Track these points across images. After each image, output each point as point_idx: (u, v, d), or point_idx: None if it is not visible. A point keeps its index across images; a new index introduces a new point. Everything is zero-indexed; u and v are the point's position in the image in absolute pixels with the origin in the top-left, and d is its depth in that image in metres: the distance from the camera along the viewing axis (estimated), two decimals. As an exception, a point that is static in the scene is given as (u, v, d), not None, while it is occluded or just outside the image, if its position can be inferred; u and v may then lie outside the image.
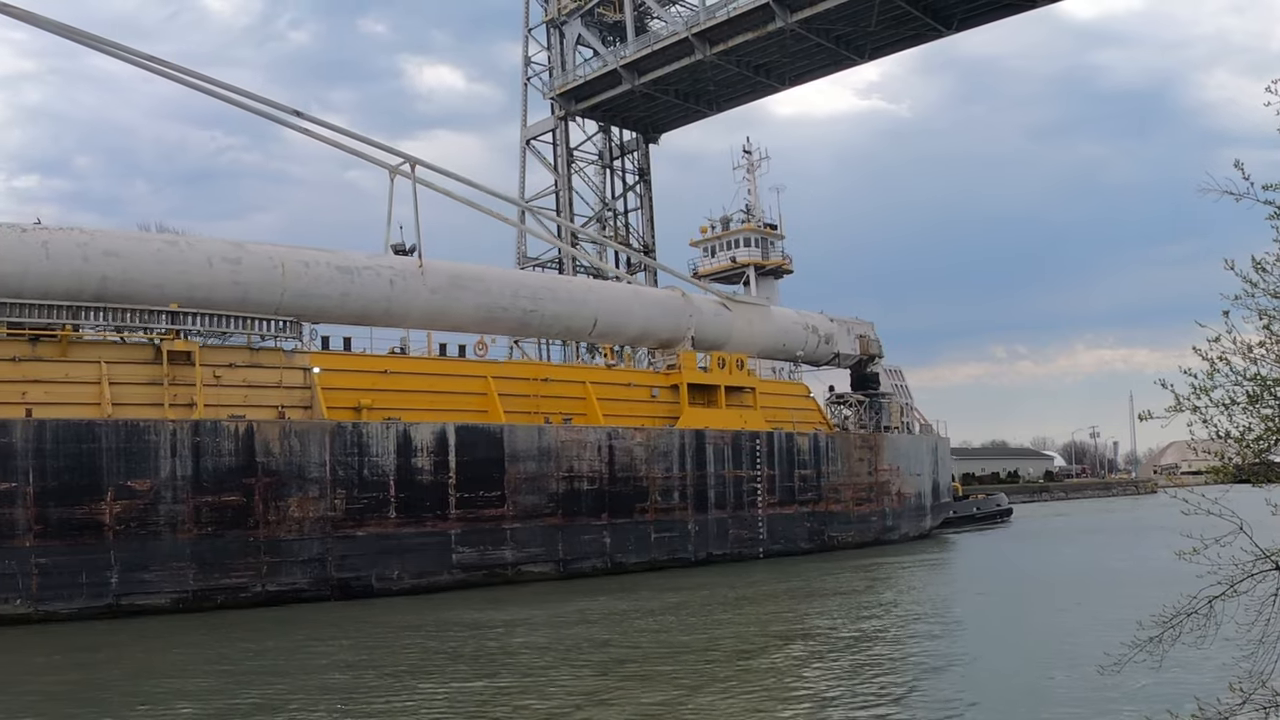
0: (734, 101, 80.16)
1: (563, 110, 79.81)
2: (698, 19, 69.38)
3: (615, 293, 44.63)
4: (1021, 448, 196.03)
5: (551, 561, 37.58)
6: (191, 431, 30.49)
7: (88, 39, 32.62)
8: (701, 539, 43.37)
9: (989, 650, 21.46)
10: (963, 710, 15.63)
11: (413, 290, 37.31)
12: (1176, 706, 9.61)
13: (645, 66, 73.50)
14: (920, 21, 65.96)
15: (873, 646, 22.35)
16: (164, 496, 29.91)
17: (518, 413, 38.56)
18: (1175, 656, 8.92)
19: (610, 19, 77.55)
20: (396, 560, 33.53)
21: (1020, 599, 31.93)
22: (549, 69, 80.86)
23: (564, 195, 79.95)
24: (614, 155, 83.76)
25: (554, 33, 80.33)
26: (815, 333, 54.75)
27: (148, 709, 17.24)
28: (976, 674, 18.66)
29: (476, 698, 17.21)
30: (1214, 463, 8.62)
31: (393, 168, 38.93)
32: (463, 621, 27.10)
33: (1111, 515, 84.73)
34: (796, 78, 75.98)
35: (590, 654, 21.66)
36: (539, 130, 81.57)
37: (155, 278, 32.50)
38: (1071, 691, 16.36)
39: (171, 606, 29.59)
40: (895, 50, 73.19)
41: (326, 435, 32.60)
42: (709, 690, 17.35)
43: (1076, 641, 20.66)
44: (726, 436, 45.07)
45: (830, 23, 66.02)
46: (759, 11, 65.64)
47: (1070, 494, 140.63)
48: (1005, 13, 66.36)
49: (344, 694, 17.83)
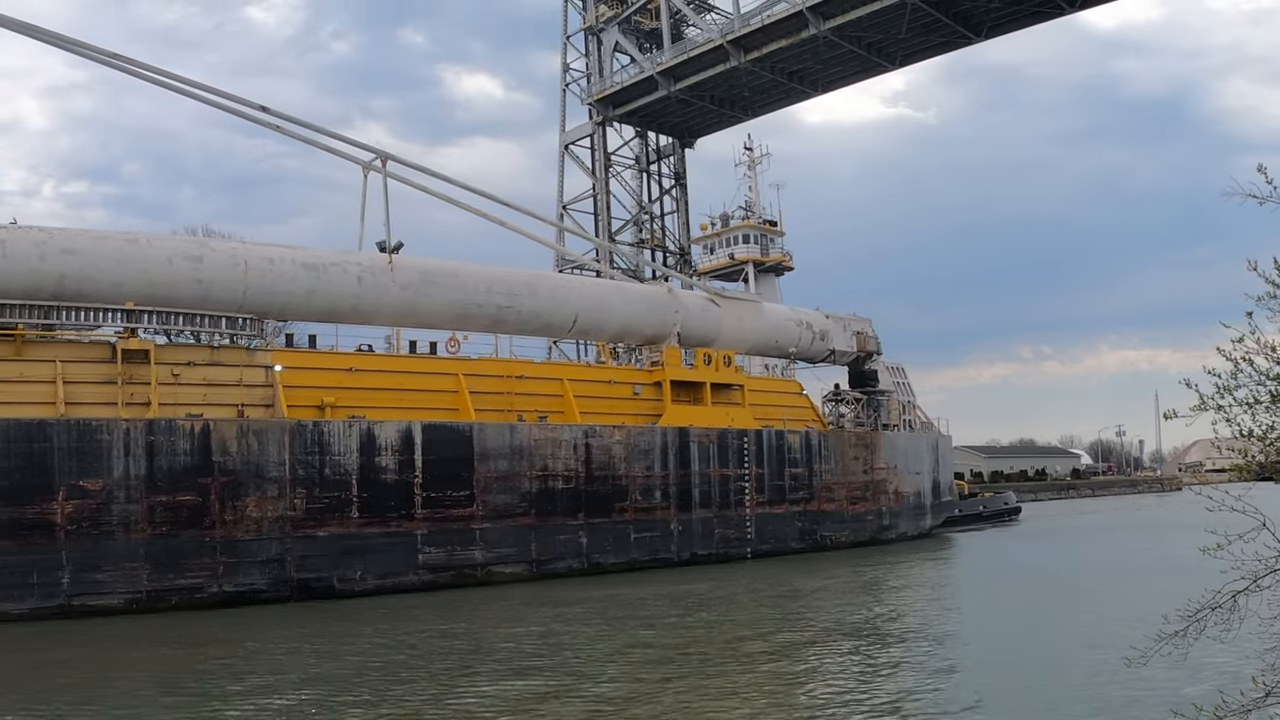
0: (768, 107, 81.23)
1: (600, 116, 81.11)
2: (732, 26, 70.44)
3: (597, 289, 43.87)
4: (1049, 446, 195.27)
5: (524, 562, 36.88)
6: (145, 430, 30.09)
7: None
8: (685, 539, 42.49)
9: (965, 648, 20.57)
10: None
11: (382, 287, 36.78)
12: (1200, 699, 9.69)
13: (681, 73, 74.63)
14: (950, 29, 66.58)
15: (845, 640, 21.51)
16: (117, 496, 29.53)
17: (491, 411, 37.90)
18: (1199, 650, 9.10)
19: (647, 26, 79.19)
20: (359, 561, 32.96)
21: (998, 595, 30.91)
22: (587, 75, 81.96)
23: (601, 199, 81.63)
24: (650, 160, 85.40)
25: (592, 40, 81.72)
26: (809, 329, 53.66)
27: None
28: (970, 675, 17.88)
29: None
30: (1237, 460, 8.75)
31: (365, 163, 38.39)
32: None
33: (1131, 513, 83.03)
34: (829, 84, 76.86)
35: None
36: (577, 135, 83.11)
37: (114, 276, 32.18)
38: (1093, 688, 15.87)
39: (125, 607, 29.19)
40: (925, 57, 73.73)
41: (286, 434, 32.10)
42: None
43: (1045, 645, 19.72)
44: (712, 434, 44.16)
45: (862, 30, 66.74)
46: (793, 19, 66.60)
47: (1097, 491, 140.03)
48: (1033, 20, 66.73)
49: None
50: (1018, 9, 64.71)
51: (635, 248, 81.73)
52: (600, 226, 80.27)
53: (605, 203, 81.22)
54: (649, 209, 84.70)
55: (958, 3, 64.01)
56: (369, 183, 37.66)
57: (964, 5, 64.32)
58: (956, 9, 64.58)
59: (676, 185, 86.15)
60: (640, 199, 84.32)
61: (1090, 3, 64.32)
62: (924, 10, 63.27)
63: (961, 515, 65.56)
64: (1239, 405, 8.31)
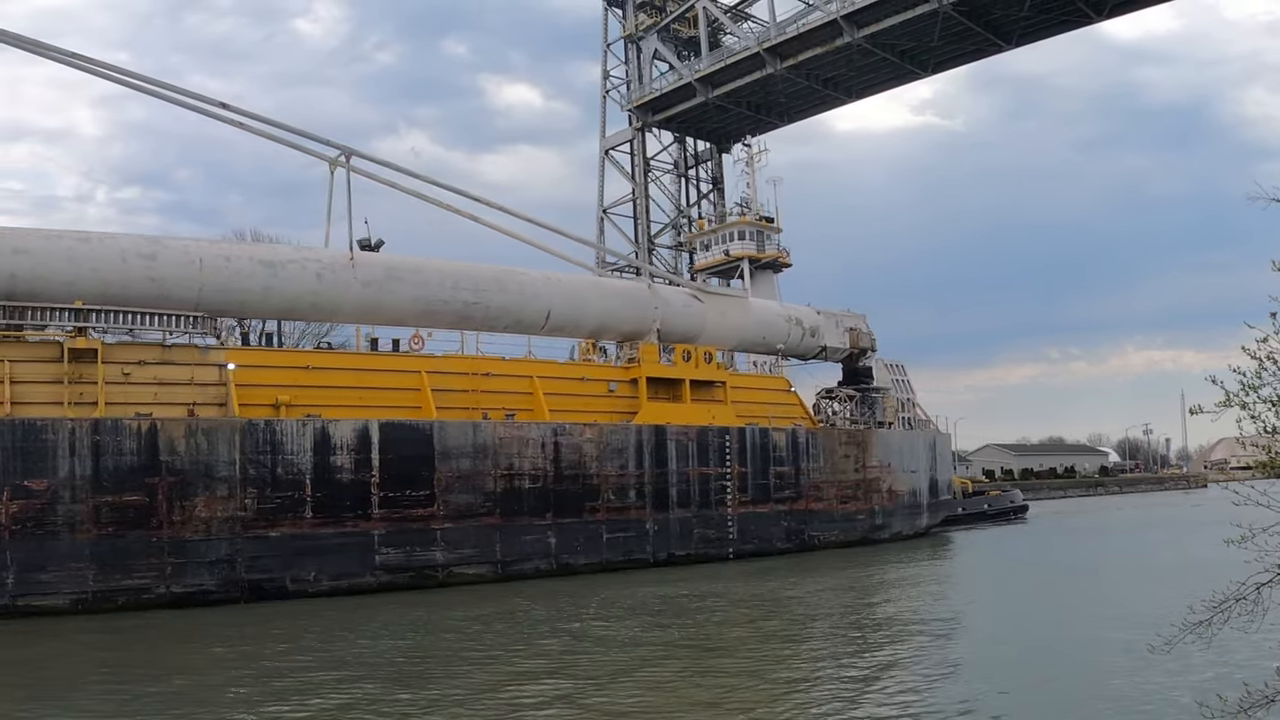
0: (803, 113, 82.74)
1: (640, 122, 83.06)
2: (768, 35, 72.17)
3: (571, 284, 43.07)
4: (1078, 444, 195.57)
5: (488, 563, 36.20)
6: (91, 430, 29.76)
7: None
8: (661, 539, 41.62)
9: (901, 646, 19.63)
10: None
11: (342, 284, 36.30)
12: (1224, 689, 9.88)
13: (718, 80, 76.05)
14: (981, 36, 67.78)
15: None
16: (62, 496, 29.21)
17: (455, 409, 37.27)
18: (1223, 640, 9.35)
19: (685, 35, 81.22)
20: (313, 561, 32.42)
21: (967, 592, 29.84)
22: (626, 82, 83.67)
23: (640, 203, 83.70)
24: (688, 164, 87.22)
25: (631, 48, 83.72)
26: (799, 325, 52.59)
27: None
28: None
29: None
30: (1262, 457, 8.94)
31: (331, 160, 38.01)
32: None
33: (1149, 510, 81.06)
34: (862, 90, 78.10)
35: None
36: (617, 141, 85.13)
37: (66, 275, 31.92)
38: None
39: (71, 608, 28.86)
40: (957, 64, 74.67)
41: (236, 433, 31.65)
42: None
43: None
44: (691, 432, 43.27)
45: (895, 38, 67.89)
46: (827, 27, 67.92)
47: (1124, 488, 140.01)
48: (1062, 29, 67.97)
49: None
50: (1047, 18, 65.95)
51: (674, 250, 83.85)
52: (639, 230, 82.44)
53: (644, 207, 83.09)
54: (687, 213, 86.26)
55: (989, 11, 65.44)
56: (336, 180, 37.47)
57: (995, 14, 65.80)
58: (988, 18, 65.78)
59: (714, 189, 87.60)
60: (678, 203, 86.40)
61: (1116, 11, 65.47)
62: (956, 19, 64.47)
63: (965, 514, 64.25)
64: (1264, 403, 8.60)
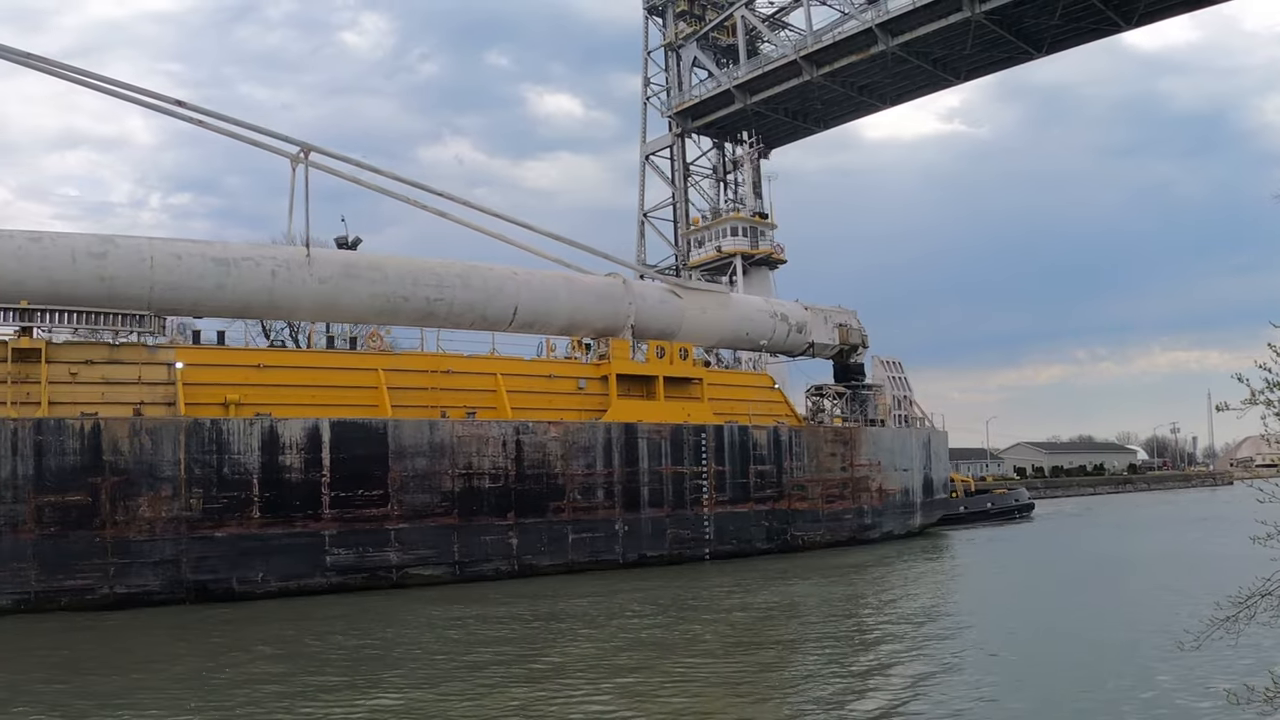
0: (839, 119, 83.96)
1: (679, 128, 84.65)
2: (805, 43, 72.86)
3: (540, 280, 42.46)
4: (1106, 442, 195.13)
5: (445, 564, 35.70)
6: (33, 430, 29.64)
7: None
8: (632, 540, 40.89)
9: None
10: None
11: (298, 281, 35.99)
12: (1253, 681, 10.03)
13: (756, 87, 77.17)
14: (1012, 45, 68.75)
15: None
16: (4, 496, 29.11)
17: (413, 407, 36.78)
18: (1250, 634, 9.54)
19: (724, 42, 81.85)
20: (261, 562, 32.11)
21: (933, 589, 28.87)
22: (666, 89, 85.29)
23: (680, 207, 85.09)
24: (727, 170, 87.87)
25: (671, 56, 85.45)
26: (785, 321, 51.60)
27: None
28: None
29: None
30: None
31: (292, 156, 37.79)
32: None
33: (1166, 508, 79.28)
34: (897, 97, 78.96)
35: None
36: (657, 146, 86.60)
37: (14, 274, 31.92)
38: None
39: (13, 608, 28.78)
40: (988, 72, 75.43)
41: (181, 432, 31.38)
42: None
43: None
44: (664, 430, 42.50)
45: (928, 46, 68.97)
46: (862, 36, 69.02)
47: (1152, 485, 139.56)
48: (1092, 37, 68.77)
49: None
50: (1077, 26, 66.43)
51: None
52: (679, 233, 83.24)
53: (684, 211, 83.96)
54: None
55: (1020, 21, 66.10)
56: (296, 175, 37.27)
57: (1026, 23, 66.40)
58: (1019, 26, 66.49)
59: (753, 195, 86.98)
60: (717, 207, 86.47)
61: (1144, 21, 65.97)
62: (988, 27, 65.39)
63: (966, 513, 62.85)
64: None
